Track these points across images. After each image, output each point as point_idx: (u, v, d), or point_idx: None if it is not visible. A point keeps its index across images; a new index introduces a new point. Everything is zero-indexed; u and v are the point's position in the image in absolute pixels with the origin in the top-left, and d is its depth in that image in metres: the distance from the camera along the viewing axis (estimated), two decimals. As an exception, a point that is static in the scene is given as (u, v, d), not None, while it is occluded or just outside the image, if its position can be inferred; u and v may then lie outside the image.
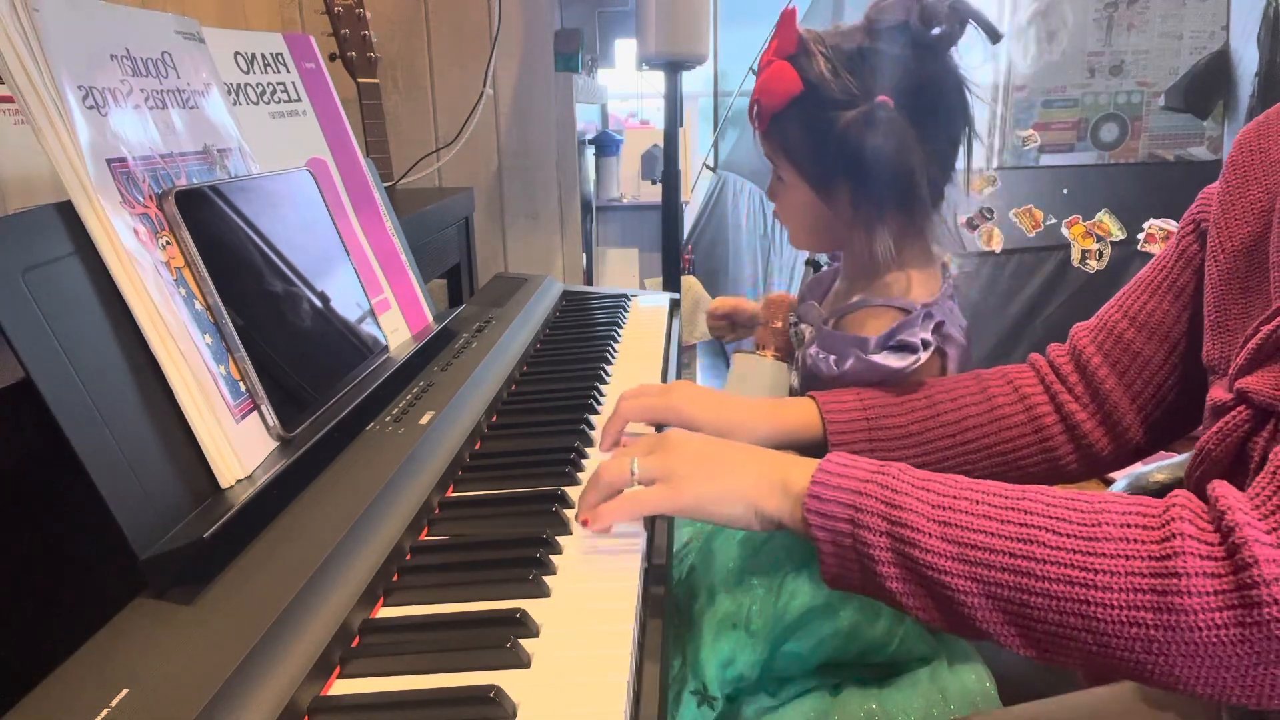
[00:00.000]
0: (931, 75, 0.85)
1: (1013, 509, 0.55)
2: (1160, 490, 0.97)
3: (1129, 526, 0.51)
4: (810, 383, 0.97)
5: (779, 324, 1.10)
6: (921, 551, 0.56)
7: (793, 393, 1.05)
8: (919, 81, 0.84)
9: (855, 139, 0.83)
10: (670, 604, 0.91)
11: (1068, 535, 0.52)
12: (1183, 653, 0.48)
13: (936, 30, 0.84)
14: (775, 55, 0.88)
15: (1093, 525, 0.52)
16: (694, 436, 0.71)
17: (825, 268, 1.09)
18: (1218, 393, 0.63)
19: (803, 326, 1.01)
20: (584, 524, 0.67)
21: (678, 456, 0.67)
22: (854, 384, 0.88)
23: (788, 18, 0.86)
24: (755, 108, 0.91)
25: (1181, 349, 0.77)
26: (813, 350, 0.92)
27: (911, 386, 0.87)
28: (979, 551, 0.54)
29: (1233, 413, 0.60)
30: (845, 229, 0.91)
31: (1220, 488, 0.50)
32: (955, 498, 0.57)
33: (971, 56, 0.89)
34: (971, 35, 0.87)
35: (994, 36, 0.86)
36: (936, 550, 0.55)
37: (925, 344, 0.84)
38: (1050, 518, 0.53)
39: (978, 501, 0.56)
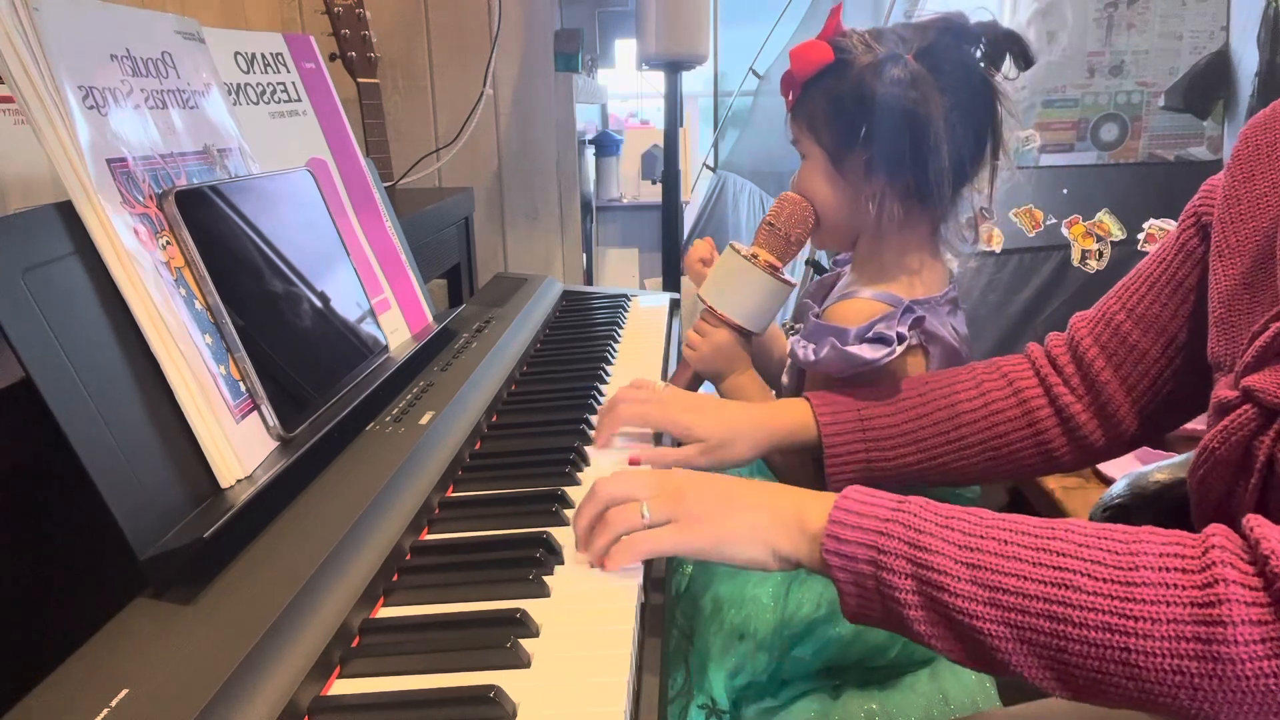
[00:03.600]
0: (961, 62, 0.87)
1: (1044, 550, 0.53)
2: (1159, 491, 0.96)
3: (1168, 570, 0.49)
4: (795, 373, 0.97)
5: (784, 230, 0.96)
6: (950, 595, 0.54)
7: (780, 385, 1.04)
8: (947, 66, 0.86)
9: (870, 89, 0.85)
10: (670, 606, 0.91)
11: (1104, 580, 0.50)
12: (1228, 699, 0.47)
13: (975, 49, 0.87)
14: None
15: (1129, 569, 0.50)
16: (703, 476, 0.69)
17: (829, 271, 1.07)
18: (1223, 390, 0.62)
19: (798, 327, 1.00)
20: (592, 565, 0.64)
21: (690, 498, 0.66)
22: (825, 372, 0.87)
23: (834, 12, 0.90)
24: (788, 84, 0.92)
25: (1179, 342, 0.77)
26: (795, 338, 0.92)
27: (904, 384, 0.87)
28: (1011, 596, 0.52)
29: (1238, 411, 0.59)
30: (858, 207, 0.91)
31: (1260, 527, 0.49)
32: (982, 536, 0.55)
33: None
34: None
35: (1026, 62, 0.88)
36: (966, 594, 0.54)
37: (901, 338, 0.83)
38: (1084, 560, 0.52)
39: (1006, 541, 0.55)
